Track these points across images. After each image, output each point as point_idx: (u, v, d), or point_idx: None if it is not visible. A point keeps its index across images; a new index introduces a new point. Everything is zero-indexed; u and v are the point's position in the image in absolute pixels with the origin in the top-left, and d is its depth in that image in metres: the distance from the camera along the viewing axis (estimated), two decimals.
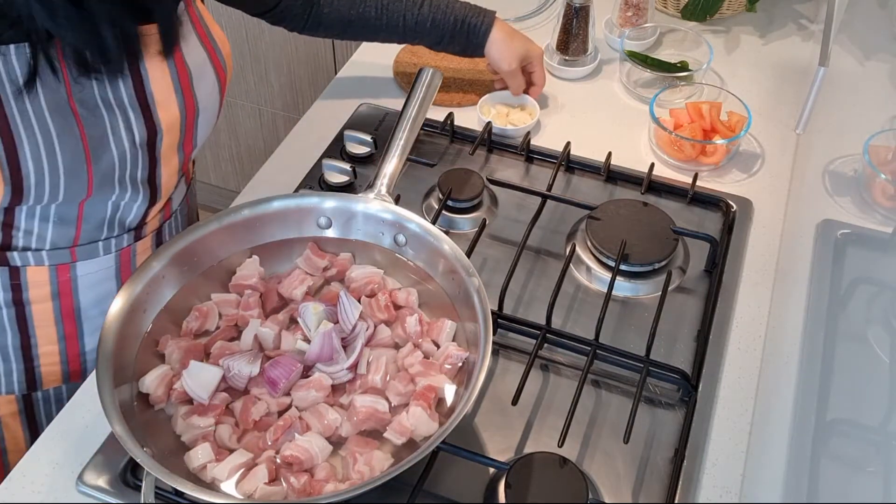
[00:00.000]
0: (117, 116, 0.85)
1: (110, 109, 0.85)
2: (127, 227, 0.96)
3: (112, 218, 0.93)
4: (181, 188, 1.04)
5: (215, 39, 0.95)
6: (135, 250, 0.98)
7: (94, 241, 0.93)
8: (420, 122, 0.99)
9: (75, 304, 0.96)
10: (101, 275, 0.96)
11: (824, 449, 0.74)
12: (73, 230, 0.91)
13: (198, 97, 0.92)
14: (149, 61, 0.86)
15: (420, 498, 0.81)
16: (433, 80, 1.01)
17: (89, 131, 0.84)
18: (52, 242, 0.91)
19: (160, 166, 0.93)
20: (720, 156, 1.16)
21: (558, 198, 1.09)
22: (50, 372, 1.00)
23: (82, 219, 0.91)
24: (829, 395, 0.80)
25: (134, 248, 0.98)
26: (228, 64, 0.97)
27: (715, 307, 0.99)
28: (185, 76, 0.90)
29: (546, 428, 0.89)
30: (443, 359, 0.85)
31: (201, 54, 0.92)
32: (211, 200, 2.44)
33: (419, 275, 0.93)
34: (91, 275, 0.95)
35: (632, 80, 1.32)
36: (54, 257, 0.92)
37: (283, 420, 0.81)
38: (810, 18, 1.45)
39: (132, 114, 0.86)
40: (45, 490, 0.84)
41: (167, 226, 1.02)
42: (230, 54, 0.97)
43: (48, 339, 0.97)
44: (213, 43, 0.94)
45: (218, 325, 0.90)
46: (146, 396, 0.82)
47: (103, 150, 0.86)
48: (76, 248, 0.92)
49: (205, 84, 0.93)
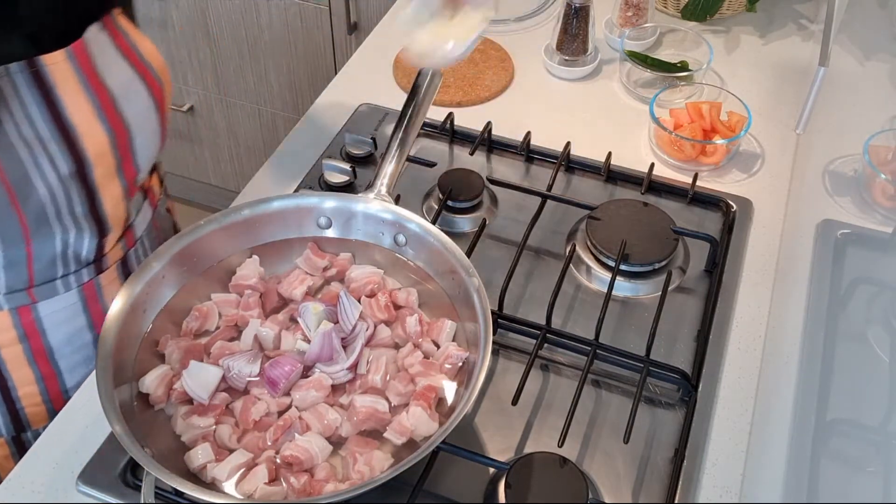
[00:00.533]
0: (37, 153, 0.82)
1: (27, 147, 0.81)
2: (84, 262, 0.92)
3: (64, 254, 0.90)
4: (144, 213, 1.00)
5: (143, 55, 0.90)
6: (99, 283, 0.95)
7: (51, 279, 0.90)
8: (420, 122, 0.99)
9: (46, 345, 0.94)
10: (66, 312, 0.93)
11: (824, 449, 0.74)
12: (26, 272, 0.88)
13: (127, 119, 0.88)
14: (62, 90, 0.81)
15: (420, 498, 0.81)
16: (433, 80, 1.01)
17: (9, 173, 0.81)
18: (7, 286, 0.88)
19: (99, 196, 0.89)
20: (720, 156, 1.16)
21: (558, 198, 1.09)
22: (35, 412, 0.98)
23: (32, 259, 0.88)
24: (829, 395, 0.80)
25: (97, 281, 0.94)
26: (164, 78, 0.92)
27: (715, 307, 0.99)
28: (106, 99, 0.85)
29: (546, 428, 0.89)
30: (443, 359, 0.85)
31: (126, 73, 0.87)
32: (211, 200, 2.45)
33: (419, 275, 0.93)
34: (56, 313, 0.92)
35: (632, 80, 1.32)
36: (13, 300, 0.89)
37: (283, 420, 0.81)
38: (810, 18, 1.45)
39: (54, 147, 0.83)
40: (45, 490, 0.84)
41: (133, 254, 0.98)
42: (165, 68, 0.93)
43: (25, 380, 0.95)
44: (142, 58, 0.90)
45: (218, 325, 0.90)
46: (146, 396, 0.82)
47: (29, 190, 0.82)
48: (33, 290, 0.90)
49: (135, 104, 0.88)
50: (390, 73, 1.34)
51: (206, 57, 2.09)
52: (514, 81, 1.33)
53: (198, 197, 2.49)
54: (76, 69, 0.83)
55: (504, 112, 1.27)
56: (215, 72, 2.11)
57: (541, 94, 1.31)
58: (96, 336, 0.96)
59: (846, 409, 0.78)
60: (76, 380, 0.98)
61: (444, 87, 1.28)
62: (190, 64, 2.12)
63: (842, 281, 0.96)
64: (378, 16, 1.81)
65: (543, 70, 1.35)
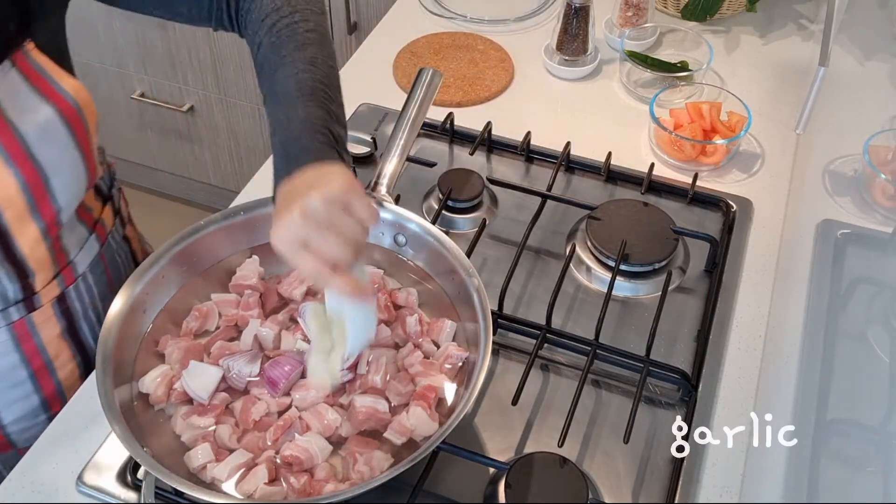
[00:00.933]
0: None
1: None
2: (12, 301, 0.88)
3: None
4: (89, 248, 0.95)
5: (65, 90, 0.84)
6: (32, 321, 0.91)
7: None
8: (420, 122, 0.99)
9: None
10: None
11: (824, 449, 0.74)
12: None
13: (42, 162, 0.82)
14: None
15: (420, 498, 0.81)
16: (433, 80, 1.01)
17: None
18: None
19: (13, 239, 0.84)
20: (720, 156, 1.16)
21: (558, 198, 1.09)
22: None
23: None
24: (829, 395, 0.80)
25: (29, 319, 0.90)
26: (89, 113, 0.86)
27: (715, 307, 0.99)
28: (14, 144, 0.80)
29: (546, 428, 0.89)
30: (443, 359, 0.85)
31: (43, 113, 0.81)
32: (211, 200, 2.45)
33: (419, 275, 0.93)
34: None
35: (632, 80, 1.32)
36: None
37: (283, 420, 0.81)
38: (810, 18, 1.45)
39: None
40: (45, 490, 0.84)
41: (73, 290, 0.94)
42: (89, 101, 0.86)
43: None
44: (63, 96, 0.83)
45: (218, 325, 0.90)
46: (146, 396, 0.82)
47: None
48: None
49: (52, 145, 0.83)
50: (390, 73, 1.34)
51: (206, 57, 2.09)
52: (514, 81, 1.33)
53: (198, 197, 2.49)
54: None
55: (504, 112, 1.27)
56: (215, 72, 2.11)
57: (541, 94, 1.31)
58: (32, 372, 0.94)
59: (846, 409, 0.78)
60: (15, 415, 0.96)
61: (444, 87, 1.28)
62: (190, 64, 2.11)
63: (842, 281, 0.96)
64: (378, 16, 1.80)
65: (543, 70, 1.35)
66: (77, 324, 0.96)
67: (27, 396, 0.96)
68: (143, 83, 2.21)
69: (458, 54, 1.36)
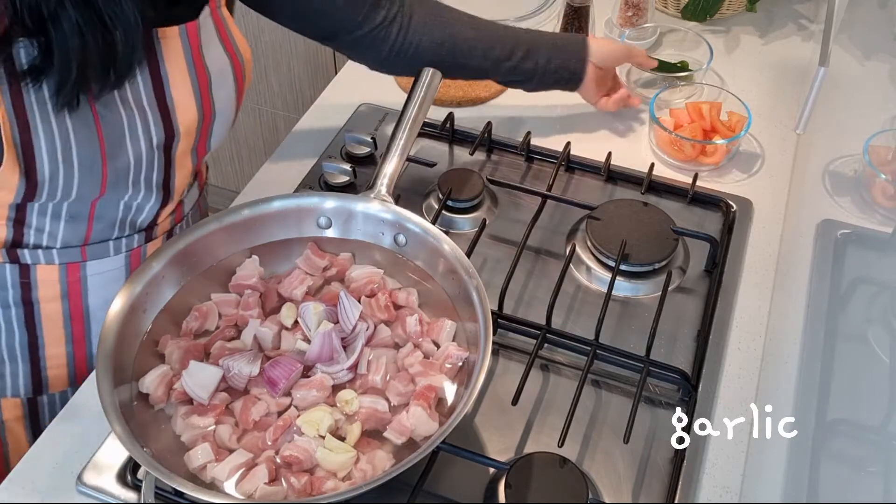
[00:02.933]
0: (136, 117, 0.85)
1: (129, 110, 0.85)
2: (138, 228, 0.96)
3: (124, 218, 0.93)
4: (194, 191, 1.04)
5: (238, 46, 0.94)
6: (145, 251, 0.98)
7: (105, 240, 0.93)
8: (420, 122, 0.99)
9: (84, 306, 0.96)
10: (110, 276, 0.96)
11: (824, 449, 0.74)
12: (85, 228, 0.91)
13: (215, 102, 0.91)
14: (169, 64, 0.86)
15: (420, 498, 0.81)
16: (433, 80, 1.01)
17: (107, 130, 0.84)
18: (63, 241, 0.91)
19: (174, 169, 0.93)
20: (720, 156, 1.16)
21: (558, 198, 1.09)
22: (56, 375, 1.00)
23: (94, 217, 0.90)
24: (829, 395, 0.80)
25: (144, 248, 0.97)
26: (248, 70, 0.96)
27: (715, 307, 0.99)
28: (204, 81, 0.89)
29: (546, 428, 0.89)
30: (443, 359, 0.85)
31: (223, 60, 0.91)
32: (211, 200, 2.44)
33: (419, 275, 0.93)
34: (100, 275, 0.95)
35: (632, 80, 1.31)
36: (65, 255, 0.92)
37: (283, 420, 0.81)
38: (810, 18, 1.45)
39: (151, 116, 0.86)
40: (45, 490, 0.84)
41: (178, 228, 1.01)
42: (251, 61, 0.96)
43: (56, 340, 0.97)
44: (237, 49, 0.93)
45: (218, 325, 0.90)
46: (146, 396, 0.82)
47: (120, 150, 0.85)
48: (87, 247, 0.92)
49: (224, 90, 0.92)
50: None
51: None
52: None
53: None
54: (185, 47, 0.86)
55: (504, 112, 1.27)
56: None
57: (541, 94, 1.31)
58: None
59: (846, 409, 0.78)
60: None
61: (444, 87, 1.28)
62: None
63: (842, 281, 0.96)
64: None
65: None
66: None
67: None
68: None
69: None
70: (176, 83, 0.87)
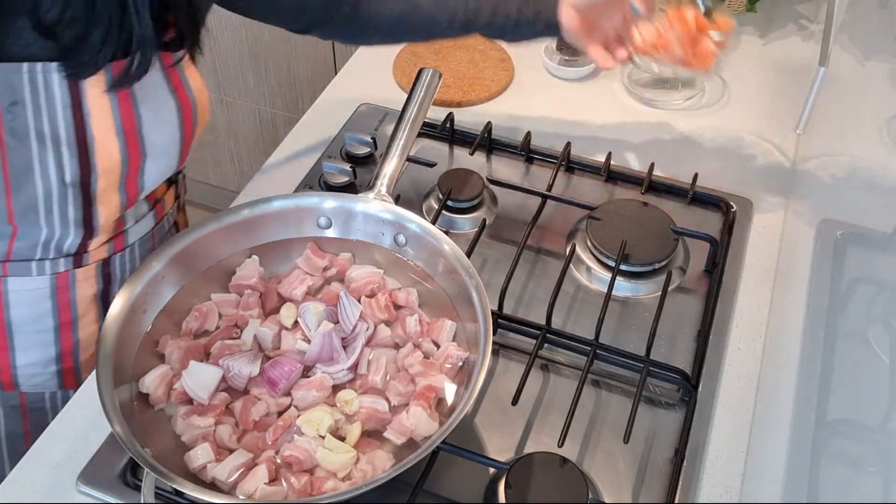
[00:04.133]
0: (48, 151, 0.83)
1: (42, 143, 0.82)
2: (64, 253, 0.92)
3: (47, 241, 0.90)
4: (144, 223, 0.99)
5: (191, 89, 0.91)
6: (74, 276, 0.94)
7: (28, 259, 0.91)
8: (420, 122, 0.99)
9: (6, 317, 0.94)
10: (35, 294, 0.93)
11: (824, 449, 0.74)
12: (7, 244, 0.89)
13: (146, 144, 0.88)
14: (92, 102, 0.82)
15: (420, 498, 0.81)
16: (433, 80, 1.01)
17: (12, 161, 0.82)
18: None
19: (96, 206, 0.89)
20: (711, 58, 1.05)
21: (558, 198, 1.09)
22: None
23: (15, 237, 0.88)
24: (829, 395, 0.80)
25: (73, 273, 0.94)
26: (201, 113, 0.93)
27: (715, 307, 0.99)
28: (130, 120, 0.85)
29: (546, 428, 0.89)
30: (443, 359, 0.85)
31: (164, 103, 0.88)
32: (211, 200, 2.45)
33: (419, 275, 0.93)
34: (24, 292, 0.93)
35: (632, 80, 1.31)
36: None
37: (283, 420, 0.81)
38: (810, 18, 1.45)
39: (66, 151, 0.83)
40: (45, 490, 0.84)
41: (118, 258, 0.98)
42: (207, 105, 0.93)
43: None
44: (189, 92, 0.90)
45: (218, 325, 0.90)
46: (146, 396, 0.82)
47: (26, 182, 0.83)
48: (8, 264, 0.90)
49: (162, 132, 0.89)
50: (390, 73, 1.34)
51: (206, 57, 2.08)
52: (514, 81, 1.33)
53: (198, 197, 2.49)
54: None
55: (504, 112, 1.27)
56: (215, 72, 2.11)
57: (541, 94, 1.31)
58: (58, 324, 0.96)
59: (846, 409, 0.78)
60: (29, 359, 0.97)
61: (444, 87, 1.28)
62: None
63: (842, 281, 0.96)
64: None
65: (543, 70, 1.35)
66: (112, 289, 0.99)
67: (46, 345, 0.97)
68: None
69: (458, 54, 1.36)
70: (98, 121, 0.83)
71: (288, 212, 0.94)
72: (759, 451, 0.86)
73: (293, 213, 0.94)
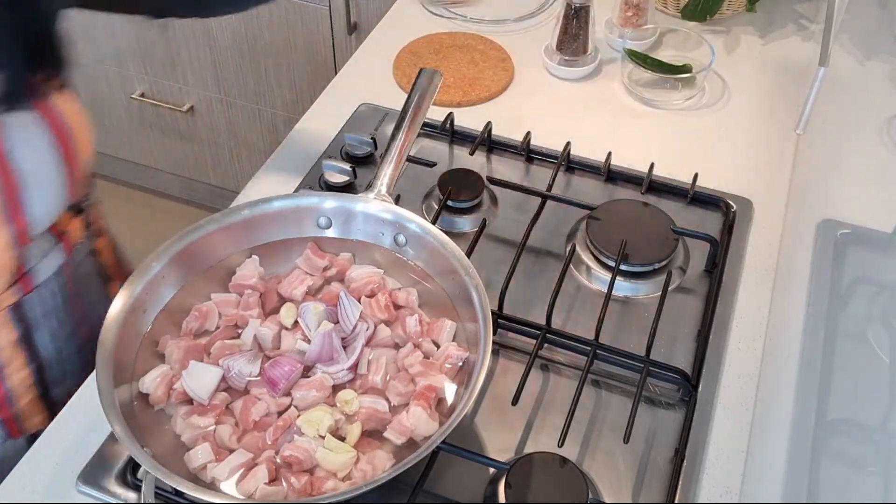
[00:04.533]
0: None
1: None
2: None
3: None
4: (52, 258, 0.93)
5: (60, 113, 0.86)
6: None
7: None
8: (420, 122, 0.99)
9: None
10: None
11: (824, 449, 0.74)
12: None
13: (20, 170, 0.82)
14: None
15: (420, 498, 0.81)
16: (433, 80, 1.01)
17: None
18: None
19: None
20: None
21: (558, 198, 1.09)
22: None
23: None
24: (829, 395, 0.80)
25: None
26: (80, 135, 0.88)
27: (715, 307, 0.99)
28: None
29: (546, 428, 0.89)
30: (443, 359, 0.85)
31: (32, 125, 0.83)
32: (211, 200, 2.45)
33: (419, 275, 0.93)
34: None
35: (632, 80, 1.31)
36: None
37: (283, 420, 0.81)
38: (810, 18, 1.45)
39: None
40: (45, 490, 0.84)
41: (34, 298, 0.92)
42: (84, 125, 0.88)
43: None
44: (57, 115, 0.85)
45: (218, 325, 0.90)
46: (146, 396, 0.82)
47: None
48: None
49: (34, 158, 0.83)
50: (390, 73, 1.34)
51: (206, 57, 2.09)
52: (514, 81, 1.33)
53: (198, 197, 2.49)
54: None
55: (504, 112, 1.27)
56: (215, 72, 2.11)
57: (541, 94, 1.31)
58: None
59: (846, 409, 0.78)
60: None
61: (444, 87, 1.28)
62: (190, 64, 2.11)
63: (842, 281, 0.95)
64: (378, 16, 1.80)
65: (543, 70, 1.35)
66: (34, 332, 0.94)
67: None
68: (143, 83, 2.21)
69: (458, 54, 1.36)
70: None
71: (288, 212, 0.94)
72: (759, 451, 0.86)
73: (293, 213, 0.94)
